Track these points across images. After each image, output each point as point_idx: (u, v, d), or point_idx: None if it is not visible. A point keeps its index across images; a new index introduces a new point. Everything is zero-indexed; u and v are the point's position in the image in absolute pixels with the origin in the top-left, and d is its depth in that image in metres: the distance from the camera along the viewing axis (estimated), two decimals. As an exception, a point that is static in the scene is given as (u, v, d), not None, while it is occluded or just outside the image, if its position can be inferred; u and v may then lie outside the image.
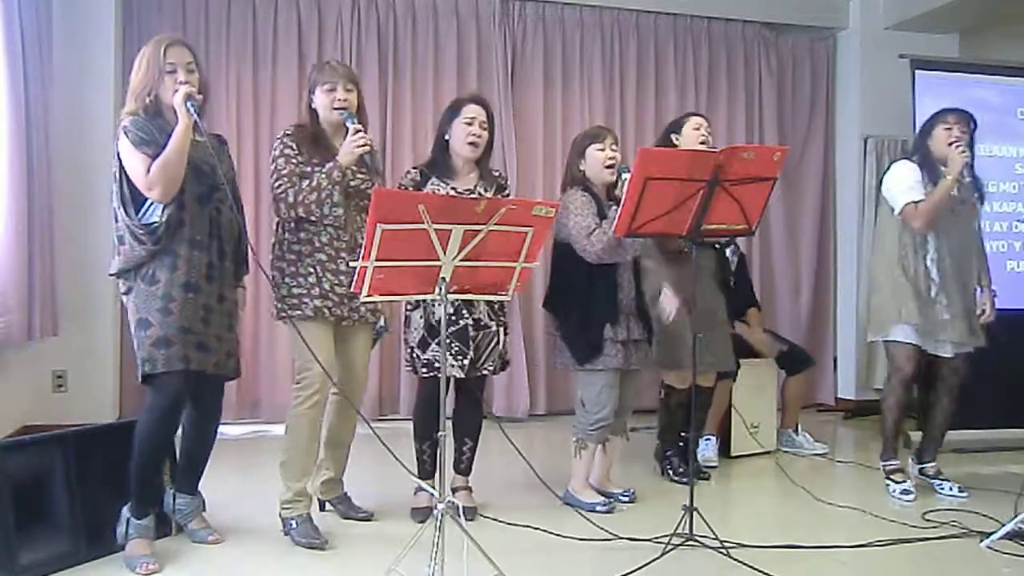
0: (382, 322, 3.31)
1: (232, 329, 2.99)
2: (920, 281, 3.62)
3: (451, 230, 2.43)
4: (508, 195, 3.47)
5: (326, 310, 3.05)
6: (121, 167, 2.75)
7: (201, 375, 2.84)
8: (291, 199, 3.00)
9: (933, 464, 3.85)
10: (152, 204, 2.76)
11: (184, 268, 2.76)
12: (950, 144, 3.60)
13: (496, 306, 3.37)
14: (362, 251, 2.44)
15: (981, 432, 4.33)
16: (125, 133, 2.73)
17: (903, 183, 3.66)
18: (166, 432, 2.84)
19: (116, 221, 2.79)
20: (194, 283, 2.78)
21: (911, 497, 3.67)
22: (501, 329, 3.37)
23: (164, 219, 2.73)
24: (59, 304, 4.45)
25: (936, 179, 3.60)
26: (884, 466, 3.82)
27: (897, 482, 3.75)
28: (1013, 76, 5.06)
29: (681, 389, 3.93)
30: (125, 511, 2.80)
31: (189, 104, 2.69)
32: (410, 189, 3.25)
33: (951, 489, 3.75)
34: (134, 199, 2.76)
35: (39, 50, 4.23)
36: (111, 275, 2.85)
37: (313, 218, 3.05)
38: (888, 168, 3.84)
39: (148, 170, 2.68)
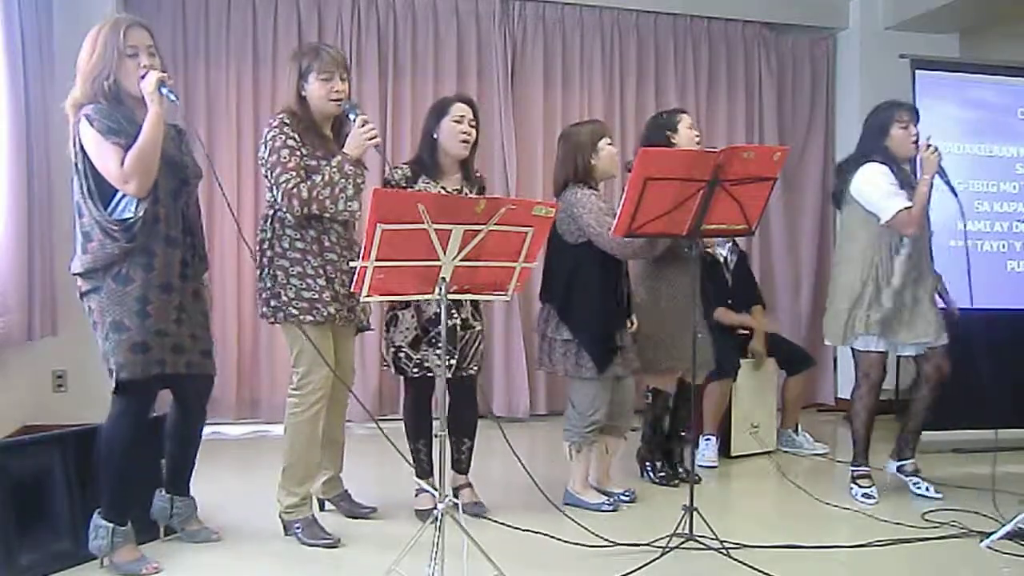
0: (366, 319, 3.27)
1: (208, 328, 2.90)
2: (889, 286, 3.57)
3: (451, 230, 2.43)
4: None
5: (337, 315, 3.00)
6: (84, 159, 2.60)
7: (178, 375, 2.76)
8: (305, 195, 2.89)
9: (912, 461, 3.82)
10: (123, 198, 2.62)
11: (160, 268, 2.65)
12: (914, 143, 3.57)
13: (479, 306, 3.36)
14: (361, 250, 2.43)
15: (981, 432, 4.32)
16: (89, 122, 2.56)
17: (883, 188, 3.54)
18: (141, 436, 2.75)
19: (80, 216, 2.64)
20: (169, 283, 2.68)
21: (872, 501, 3.64)
22: (482, 330, 3.37)
23: (141, 214, 2.60)
24: (59, 304, 4.44)
25: (902, 180, 3.56)
26: (852, 471, 3.79)
27: (861, 486, 3.72)
28: (1013, 76, 5.06)
29: (666, 392, 3.92)
30: (101, 520, 2.69)
31: (164, 90, 2.57)
32: (402, 184, 3.22)
33: (927, 489, 3.72)
34: (102, 193, 2.61)
35: (39, 50, 4.22)
36: (75, 274, 2.69)
37: (326, 215, 2.96)
38: (845, 170, 3.69)
39: (122, 162, 2.54)
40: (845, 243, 3.76)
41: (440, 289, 2.51)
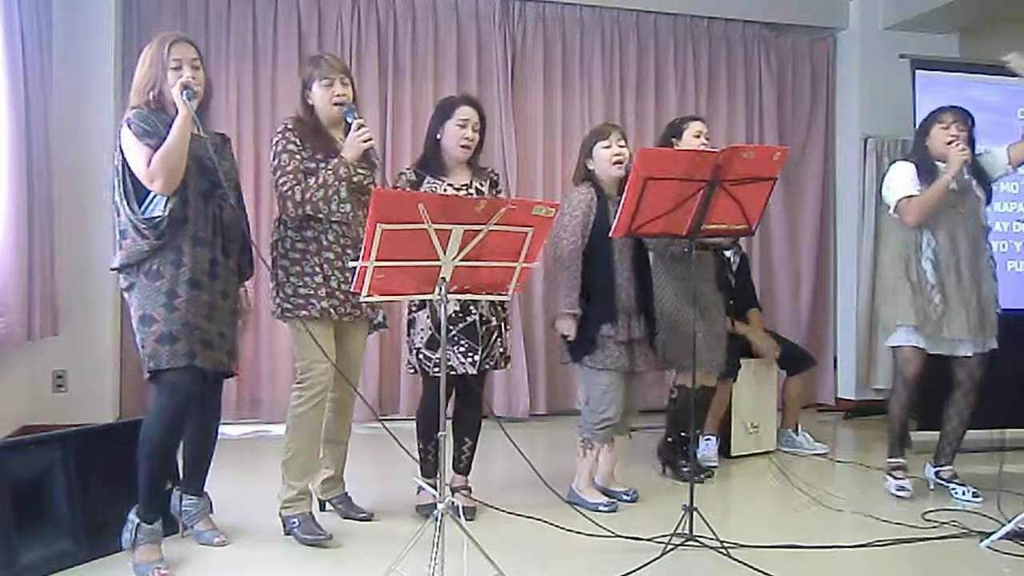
0: (380, 317, 3.30)
1: (234, 327, 2.97)
2: (920, 281, 3.61)
3: (451, 230, 2.43)
4: (500, 191, 3.47)
5: (332, 310, 3.04)
6: (124, 160, 2.73)
7: (204, 371, 2.80)
8: (298, 197, 2.98)
9: (949, 468, 3.80)
10: (155, 198, 2.72)
11: (189, 264, 2.73)
12: (948, 143, 3.60)
13: (498, 302, 3.38)
14: (363, 249, 2.43)
15: (982, 432, 4.33)
16: (128, 125, 2.71)
17: (897, 181, 3.67)
18: (175, 432, 2.82)
19: (118, 215, 2.76)
20: (198, 280, 2.75)
21: (906, 494, 3.67)
22: (502, 324, 3.39)
23: (167, 213, 2.70)
24: (59, 304, 4.45)
25: (933, 178, 3.59)
26: (888, 463, 3.83)
27: (896, 478, 3.76)
28: (1013, 76, 5.05)
29: (691, 389, 3.92)
30: (133, 516, 2.75)
31: (185, 94, 2.66)
32: (407, 189, 3.24)
33: (964, 493, 3.70)
34: (137, 193, 2.73)
35: (39, 51, 4.23)
36: (112, 269, 2.82)
37: (320, 216, 3.03)
38: (888, 169, 3.85)
39: (149, 162, 2.66)
40: (880, 242, 3.91)
41: (440, 289, 2.52)
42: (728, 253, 4.51)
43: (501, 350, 3.38)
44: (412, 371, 3.37)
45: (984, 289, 3.65)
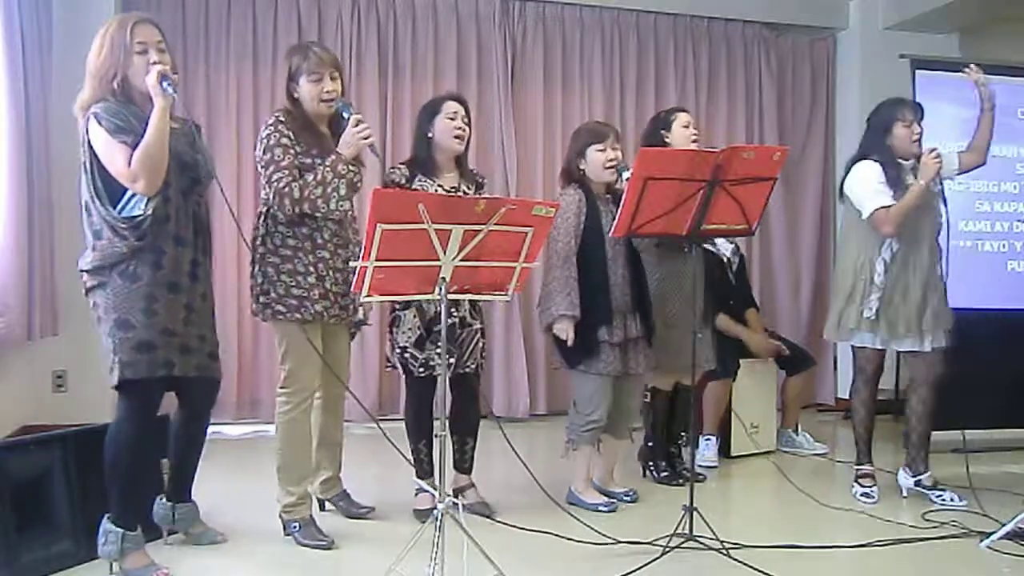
0: (361, 314, 3.24)
1: (215, 330, 2.87)
2: (877, 282, 3.56)
3: (451, 230, 2.43)
4: (484, 193, 3.46)
5: (325, 312, 2.99)
6: (92, 157, 2.57)
7: (186, 378, 2.72)
8: (296, 194, 2.88)
9: (928, 475, 3.71)
10: (133, 196, 2.57)
11: (170, 266, 2.61)
12: (915, 141, 3.56)
13: (477, 305, 3.37)
14: (359, 248, 2.42)
15: (981, 432, 4.33)
16: (97, 121, 2.53)
17: (869, 186, 3.55)
18: (147, 438, 2.70)
19: (89, 215, 2.61)
20: (177, 282, 2.63)
21: (871, 501, 3.64)
22: (481, 328, 3.38)
23: (150, 212, 2.56)
24: (59, 304, 4.45)
25: (899, 178, 3.54)
26: (855, 469, 3.81)
27: (862, 486, 3.72)
28: (1013, 76, 5.05)
29: (665, 391, 3.93)
30: (111, 526, 2.65)
31: (165, 84, 2.49)
32: (401, 184, 3.23)
33: (951, 499, 3.62)
34: (110, 191, 2.57)
35: (39, 51, 4.22)
36: (82, 270, 2.65)
37: (319, 213, 2.95)
38: (849, 168, 3.70)
39: (129, 161, 2.50)
40: (842, 242, 3.81)
41: (440, 289, 2.51)
42: (727, 253, 4.52)
43: (480, 353, 3.37)
44: (390, 368, 3.36)
45: (939, 286, 3.59)
